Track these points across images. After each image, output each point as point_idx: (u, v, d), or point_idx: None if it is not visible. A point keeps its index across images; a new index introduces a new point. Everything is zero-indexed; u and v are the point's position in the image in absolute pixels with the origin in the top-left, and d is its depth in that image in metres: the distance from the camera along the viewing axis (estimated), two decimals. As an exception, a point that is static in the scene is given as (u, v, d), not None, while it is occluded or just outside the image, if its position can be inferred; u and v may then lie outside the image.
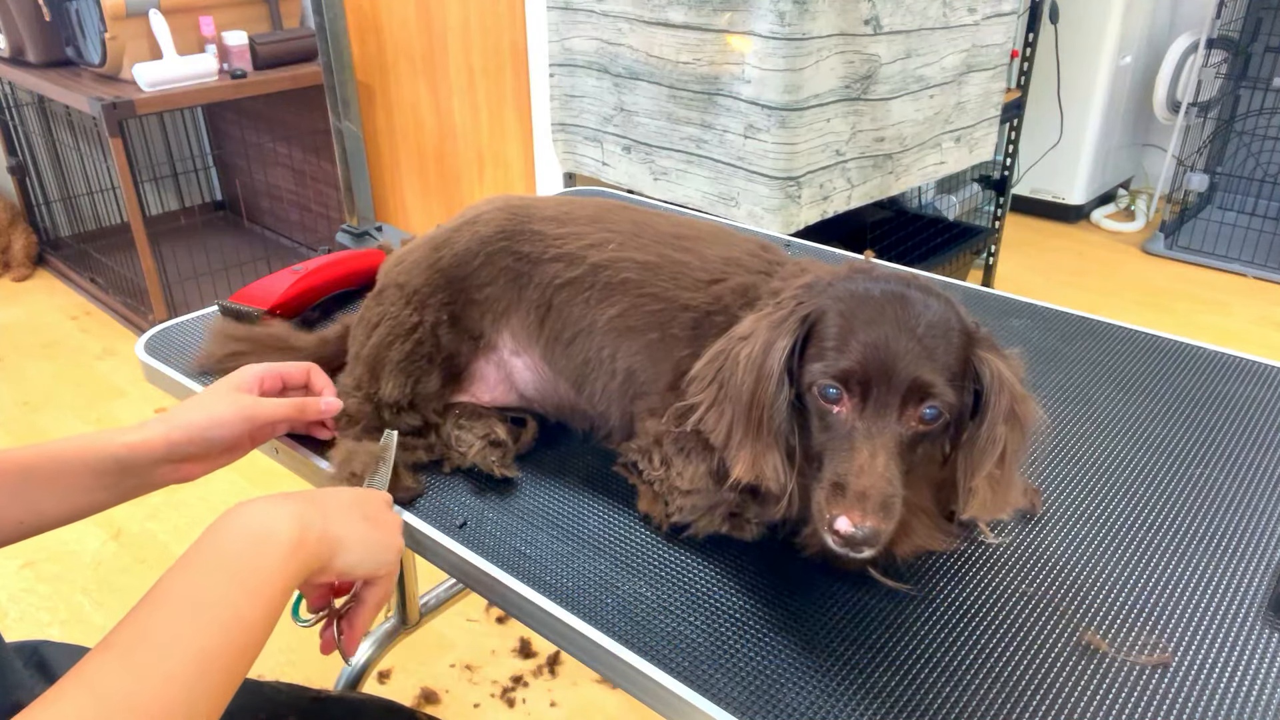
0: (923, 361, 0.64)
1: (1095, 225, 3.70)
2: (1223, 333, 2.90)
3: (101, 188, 3.36)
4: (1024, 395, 0.67)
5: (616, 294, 0.84)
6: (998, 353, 0.68)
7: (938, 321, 0.66)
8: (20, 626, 1.84)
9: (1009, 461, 0.66)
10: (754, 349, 0.68)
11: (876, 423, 0.64)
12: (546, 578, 0.73)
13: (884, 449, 0.63)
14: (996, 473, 0.66)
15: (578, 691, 1.67)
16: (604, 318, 0.84)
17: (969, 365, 0.67)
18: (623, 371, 0.83)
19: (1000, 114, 2.42)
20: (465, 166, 2.89)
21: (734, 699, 0.62)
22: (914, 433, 0.65)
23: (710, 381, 0.71)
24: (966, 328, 0.68)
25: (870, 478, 0.62)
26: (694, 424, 0.72)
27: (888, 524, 0.62)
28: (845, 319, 0.66)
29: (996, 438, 0.66)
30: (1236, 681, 0.63)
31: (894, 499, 0.62)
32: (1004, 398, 0.66)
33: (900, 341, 0.64)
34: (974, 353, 0.67)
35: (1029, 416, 0.67)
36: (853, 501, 0.61)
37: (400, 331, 0.87)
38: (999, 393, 0.66)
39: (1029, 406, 0.68)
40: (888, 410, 0.64)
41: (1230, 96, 3.36)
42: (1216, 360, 1.04)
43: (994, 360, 0.67)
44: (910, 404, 0.64)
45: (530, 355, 0.89)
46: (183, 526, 2.11)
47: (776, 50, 1.76)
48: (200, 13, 2.79)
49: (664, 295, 0.82)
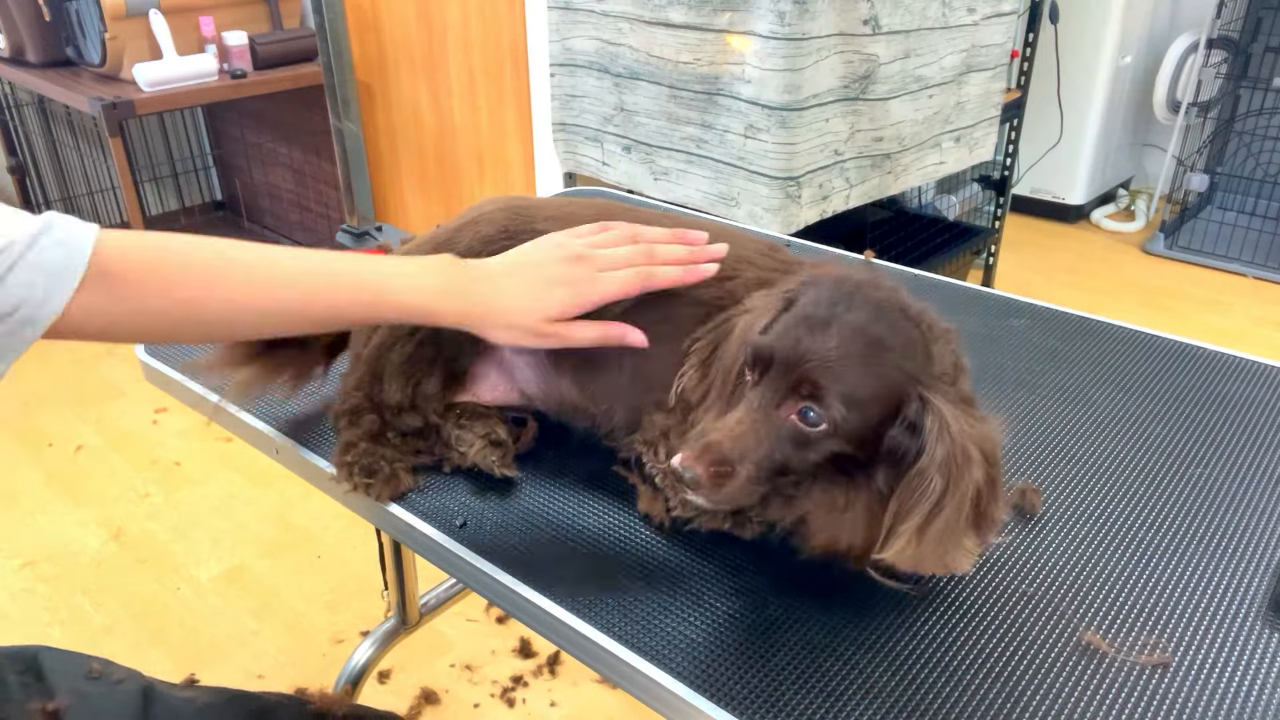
0: (822, 368, 0.63)
1: (1095, 225, 3.71)
2: (1222, 333, 2.90)
3: (101, 188, 3.36)
4: (969, 453, 0.62)
5: None
6: (952, 403, 0.64)
7: (865, 344, 0.64)
8: (20, 627, 1.84)
9: (943, 518, 0.61)
10: (749, 320, 0.70)
11: (759, 400, 0.65)
12: (546, 578, 0.73)
13: (750, 420, 0.64)
14: (926, 526, 0.62)
15: (578, 691, 1.67)
16: (609, 312, 0.83)
17: (903, 403, 0.64)
18: (629, 367, 0.82)
19: (1000, 114, 2.42)
20: (465, 166, 2.89)
21: (734, 699, 0.62)
22: (794, 428, 0.64)
23: (707, 344, 0.73)
24: (910, 369, 0.64)
25: (721, 435, 0.64)
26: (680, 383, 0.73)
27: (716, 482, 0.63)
28: (795, 310, 0.67)
29: (928, 488, 0.62)
30: (1236, 681, 0.63)
31: (737, 463, 0.63)
32: (941, 448, 0.62)
33: (813, 341, 0.64)
34: (919, 392, 0.64)
35: (968, 476, 0.62)
36: (695, 445, 0.64)
37: (401, 333, 0.87)
38: (936, 440, 0.62)
39: (972, 468, 0.62)
40: (773, 395, 0.65)
41: (1230, 96, 3.36)
42: (1216, 360, 1.04)
43: (942, 409, 0.63)
44: (793, 397, 0.64)
45: (532, 352, 0.89)
46: (183, 526, 2.11)
47: (776, 50, 1.76)
48: (200, 13, 2.79)
49: (672, 289, 0.82)
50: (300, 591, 1.92)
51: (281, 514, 2.15)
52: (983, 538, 0.65)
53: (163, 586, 1.94)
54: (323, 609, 1.88)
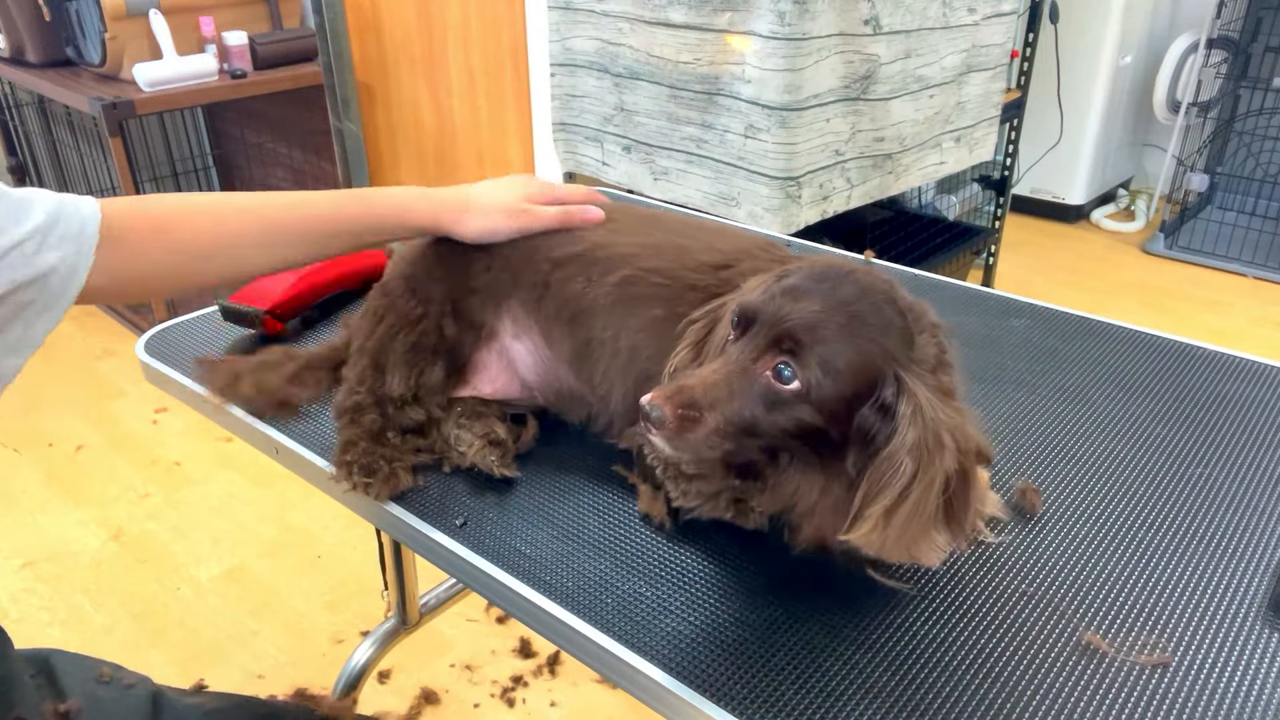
0: (802, 326, 0.63)
1: (1095, 225, 3.71)
2: (1222, 333, 2.90)
3: (101, 188, 3.35)
4: (941, 439, 0.62)
5: (619, 269, 0.83)
6: (930, 388, 0.64)
7: (848, 316, 0.64)
8: (20, 626, 1.84)
9: (911, 503, 0.61)
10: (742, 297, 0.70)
11: (737, 354, 0.65)
12: (546, 578, 0.73)
13: (725, 371, 0.65)
14: (894, 509, 0.61)
15: (578, 691, 1.67)
16: (606, 295, 0.83)
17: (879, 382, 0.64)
18: (625, 350, 0.82)
19: (1000, 114, 2.42)
20: (465, 166, 2.89)
21: (734, 698, 0.62)
22: (767, 385, 0.64)
23: (701, 326, 0.74)
24: (889, 348, 0.64)
25: (695, 380, 0.65)
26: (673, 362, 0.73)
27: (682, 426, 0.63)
28: (784, 282, 0.67)
29: (898, 469, 0.61)
30: (1236, 681, 0.63)
31: (706, 410, 0.64)
32: (913, 431, 0.61)
33: (795, 304, 0.64)
34: (895, 372, 0.64)
35: (938, 462, 0.61)
36: (669, 386, 0.65)
37: (405, 323, 0.87)
38: (909, 423, 0.62)
39: (944, 454, 0.61)
40: (752, 349, 0.65)
41: (1230, 96, 3.36)
42: (1216, 360, 1.04)
43: (917, 391, 0.63)
44: (771, 351, 0.64)
45: (530, 337, 0.89)
46: (183, 526, 2.11)
47: (776, 50, 1.76)
48: (200, 13, 2.79)
49: (670, 273, 0.82)
50: (300, 591, 1.92)
51: (281, 514, 2.15)
52: (954, 534, 0.64)
53: (163, 586, 1.94)
54: (323, 609, 1.88)
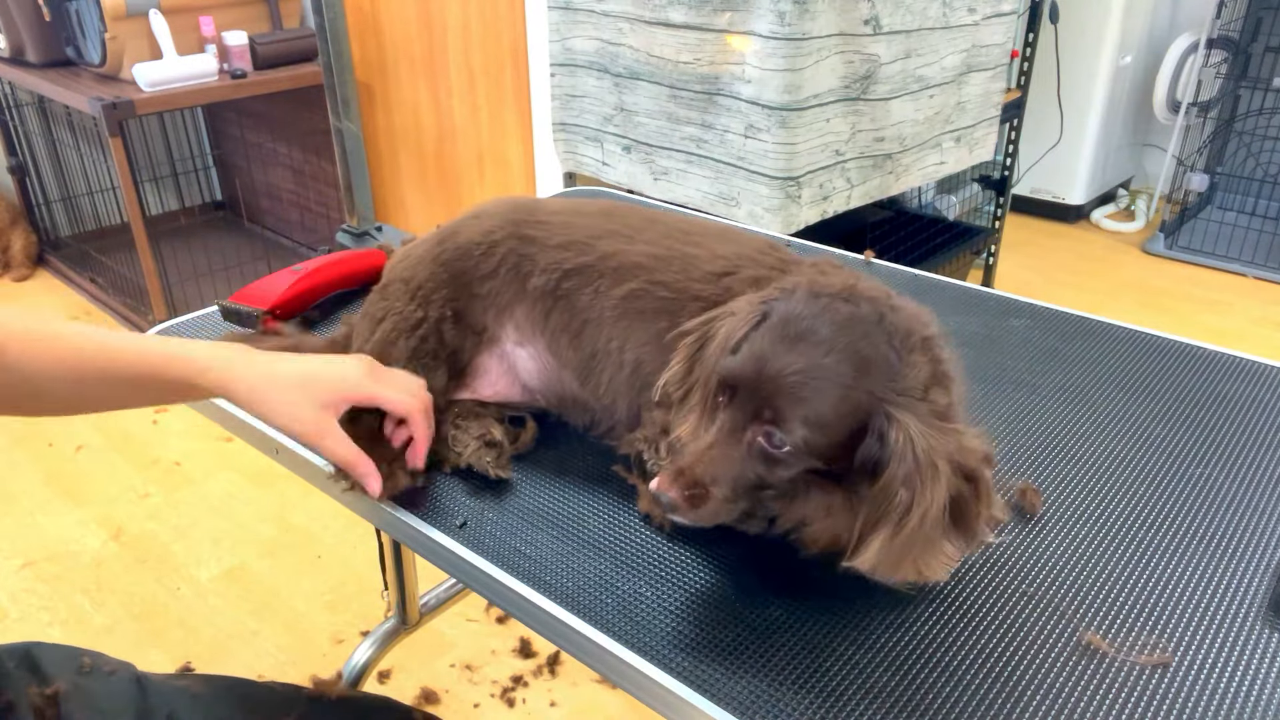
0: (784, 392, 0.64)
1: (1095, 225, 3.71)
2: (1222, 333, 2.90)
3: (101, 188, 3.36)
4: (936, 468, 0.62)
5: (627, 282, 0.83)
6: (920, 417, 0.64)
7: (830, 365, 0.64)
8: (20, 626, 1.84)
9: (908, 532, 0.62)
10: (730, 326, 0.70)
11: (728, 423, 0.66)
12: (546, 578, 0.73)
13: (721, 445, 0.66)
14: (893, 538, 0.62)
15: (578, 691, 1.67)
16: (613, 309, 0.83)
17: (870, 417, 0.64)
18: (631, 363, 0.83)
19: (1000, 114, 2.42)
20: (465, 166, 2.89)
21: (734, 699, 0.62)
22: (762, 450, 0.65)
23: (694, 341, 0.74)
24: (873, 388, 0.64)
25: (693, 458, 0.66)
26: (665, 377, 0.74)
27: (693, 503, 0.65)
28: (765, 326, 0.67)
29: (894, 500, 0.63)
30: (1236, 681, 0.63)
31: (710, 485, 0.65)
32: (904, 465, 0.62)
33: (777, 363, 0.64)
34: (884, 410, 0.64)
35: (933, 491, 0.62)
36: (669, 470, 0.66)
37: (405, 327, 0.87)
38: (900, 458, 0.63)
39: (939, 482, 0.62)
40: (740, 418, 0.66)
41: (1230, 96, 3.36)
42: (1216, 360, 1.04)
43: (908, 425, 0.63)
44: (756, 422, 0.65)
45: (535, 345, 0.89)
46: (183, 526, 2.11)
47: (776, 50, 1.76)
48: (200, 13, 2.79)
49: (674, 285, 0.82)
50: (300, 591, 1.92)
51: (281, 514, 2.15)
52: (963, 546, 0.65)
53: (163, 586, 1.94)
54: (323, 609, 1.88)
